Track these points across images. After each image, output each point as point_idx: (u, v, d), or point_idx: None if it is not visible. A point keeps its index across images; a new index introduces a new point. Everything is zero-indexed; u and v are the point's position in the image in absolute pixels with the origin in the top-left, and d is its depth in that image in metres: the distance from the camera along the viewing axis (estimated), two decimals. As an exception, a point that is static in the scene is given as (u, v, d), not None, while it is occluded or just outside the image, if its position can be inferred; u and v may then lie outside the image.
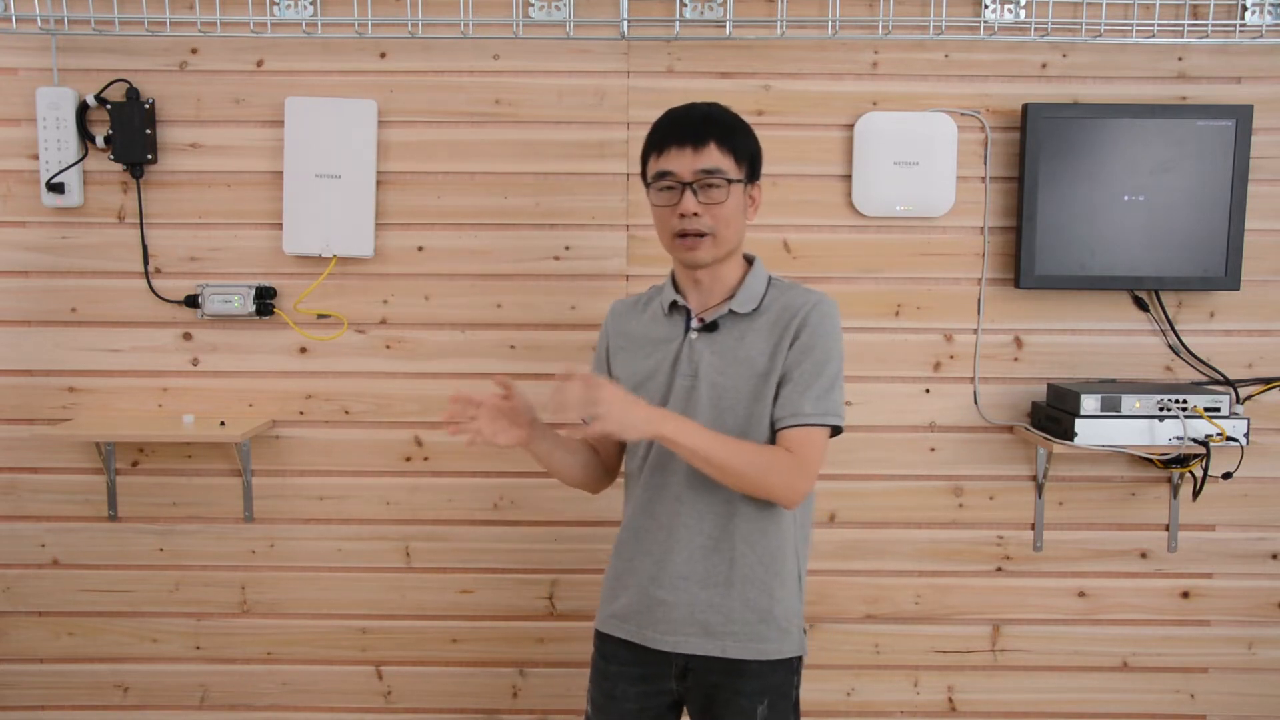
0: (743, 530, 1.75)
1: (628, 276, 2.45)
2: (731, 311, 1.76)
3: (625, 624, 1.82)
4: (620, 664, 1.84)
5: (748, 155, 1.76)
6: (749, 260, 1.84)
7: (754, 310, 1.76)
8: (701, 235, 1.72)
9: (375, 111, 2.40)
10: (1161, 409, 2.31)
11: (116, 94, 2.40)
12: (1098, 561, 2.54)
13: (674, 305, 1.82)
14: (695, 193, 1.71)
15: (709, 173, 1.71)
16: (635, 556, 1.81)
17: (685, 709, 1.86)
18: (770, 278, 1.81)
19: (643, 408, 1.63)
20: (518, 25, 2.38)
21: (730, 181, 1.72)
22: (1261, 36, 2.37)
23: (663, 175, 1.73)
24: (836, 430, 1.74)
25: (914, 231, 2.45)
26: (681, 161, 1.71)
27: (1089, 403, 2.30)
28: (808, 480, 1.70)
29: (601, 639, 1.88)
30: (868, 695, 2.58)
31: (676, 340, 1.80)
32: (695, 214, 1.71)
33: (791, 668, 1.79)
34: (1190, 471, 2.43)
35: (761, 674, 1.76)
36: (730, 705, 1.76)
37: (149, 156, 2.41)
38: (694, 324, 1.78)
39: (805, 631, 1.84)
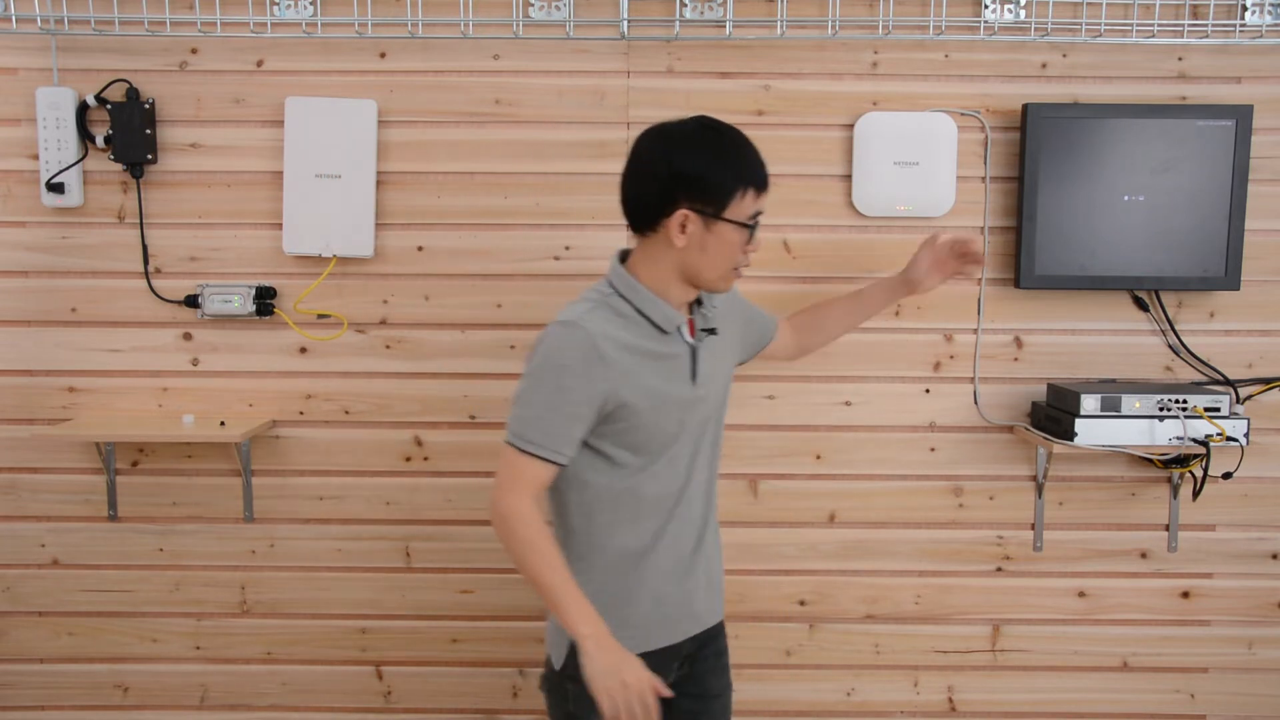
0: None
1: (628, 276, 2.45)
2: (704, 315, 1.83)
3: None
4: None
5: None
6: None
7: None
8: None
9: (375, 111, 2.40)
10: (1161, 409, 2.31)
11: (116, 94, 2.40)
12: (1098, 561, 2.54)
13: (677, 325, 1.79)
14: None
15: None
16: None
17: None
18: None
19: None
20: (518, 25, 2.38)
21: None
22: (1261, 36, 2.37)
23: (758, 215, 1.74)
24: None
25: (914, 231, 2.45)
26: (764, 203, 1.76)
27: (1089, 403, 2.29)
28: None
29: None
30: (868, 695, 2.58)
31: (683, 353, 1.77)
32: None
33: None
34: (1190, 471, 2.43)
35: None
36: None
37: (149, 156, 2.41)
38: (688, 333, 1.79)
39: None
